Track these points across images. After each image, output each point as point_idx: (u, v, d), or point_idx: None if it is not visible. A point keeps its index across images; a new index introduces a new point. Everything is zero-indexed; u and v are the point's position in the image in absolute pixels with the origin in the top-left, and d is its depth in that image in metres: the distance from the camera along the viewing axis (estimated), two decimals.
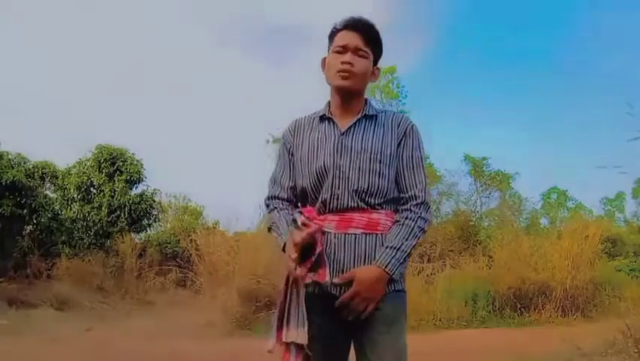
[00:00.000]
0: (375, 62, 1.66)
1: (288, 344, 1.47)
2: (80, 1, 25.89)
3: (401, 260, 1.50)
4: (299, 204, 1.68)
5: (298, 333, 1.45)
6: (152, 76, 28.63)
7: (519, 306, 8.87)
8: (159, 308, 9.89)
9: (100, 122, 25.36)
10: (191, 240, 9.53)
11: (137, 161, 13.52)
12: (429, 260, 10.63)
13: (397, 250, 1.50)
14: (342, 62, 1.57)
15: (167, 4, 27.29)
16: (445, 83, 29.20)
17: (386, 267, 1.48)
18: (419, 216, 1.56)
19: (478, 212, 15.82)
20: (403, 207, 1.59)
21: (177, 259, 11.70)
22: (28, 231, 12.09)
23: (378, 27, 1.64)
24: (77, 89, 27.07)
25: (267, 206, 1.72)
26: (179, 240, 11.73)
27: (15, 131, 25.65)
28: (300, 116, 1.74)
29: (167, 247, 13.07)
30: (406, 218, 1.56)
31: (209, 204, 16.42)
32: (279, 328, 1.50)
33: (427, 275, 9.58)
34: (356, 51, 1.59)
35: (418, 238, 1.56)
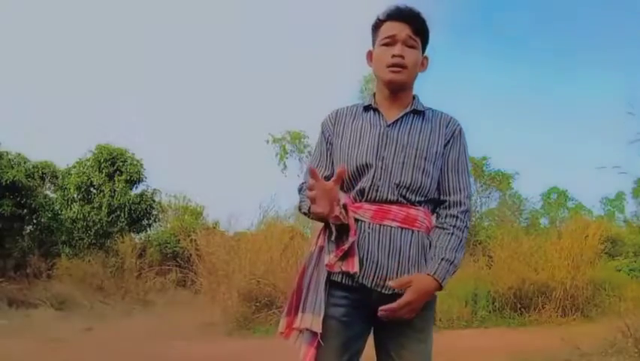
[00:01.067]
0: (423, 51, 1.59)
1: (301, 330, 1.43)
2: (79, 2, 25.89)
3: (451, 273, 1.47)
4: None
5: (313, 320, 1.40)
6: (152, 76, 28.66)
7: (519, 306, 8.86)
8: (159, 308, 9.89)
9: (100, 122, 25.37)
10: (191, 240, 9.52)
11: (137, 161, 13.52)
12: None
13: (452, 263, 1.46)
14: (393, 55, 1.50)
15: (167, 5, 27.29)
16: (444, 83, 29.21)
17: (443, 280, 1.44)
18: (466, 226, 1.54)
19: (478, 212, 15.82)
20: (449, 212, 1.55)
21: (177, 259, 11.69)
22: (28, 231, 12.11)
23: (425, 15, 1.57)
24: (77, 89, 27.08)
25: (299, 191, 1.64)
26: (179, 240, 11.71)
27: (15, 132, 25.64)
28: (339, 107, 1.67)
29: (167, 247, 13.07)
30: (455, 227, 1.52)
31: (209, 204, 16.44)
32: (292, 312, 1.47)
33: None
34: (406, 42, 1.52)
35: (464, 250, 1.54)
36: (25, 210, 11.45)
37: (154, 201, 13.91)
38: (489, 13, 30.26)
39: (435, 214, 1.59)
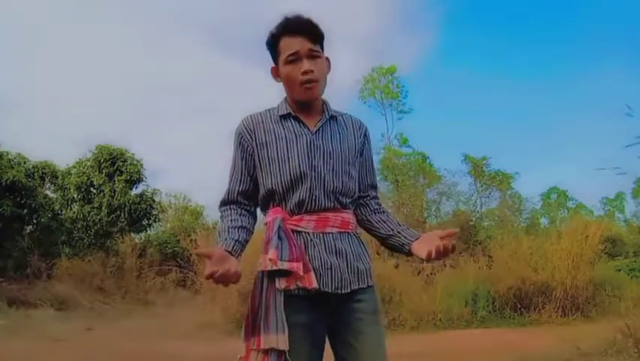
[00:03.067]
0: (323, 52, 1.60)
1: (266, 351, 1.43)
2: (79, 2, 25.89)
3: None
4: (251, 207, 1.65)
5: (278, 339, 1.42)
6: (152, 76, 28.66)
7: (519, 306, 8.86)
8: (159, 308, 9.89)
9: (100, 122, 25.39)
10: (191, 240, 9.52)
11: (137, 161, 13.53)
12: (429, 260, 10.62)
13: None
14: (304, 72, 1.52)
15: (166, 6, 27.30)
16: (445, 83, 29.24)
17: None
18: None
19: (478, 212, 15.84)
20: (376, 201, 1.73)
21: (177, 259, 11.70)
22: (28, 231, 12.11)
23: (310, 16, 1.57)
24: (78, 89, 27.08)
25: (220, 216, 1.66)
26: (179, 240, 11.72)
27: (15, 131, 25.66)
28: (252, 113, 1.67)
29: (167, 247, 13.07)
30: (388, 213, 1.73)
31: (209, 204, 16.46)
32: (252, 334, 1.47)
33: (427, 275, 9.57)
34: (309, 54, 1.53)
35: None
36: (25, 210, 11.45)
37: (154, 201, 13.91)
38: (489, 13, 30.26)
39: (360, 206, 1.70)
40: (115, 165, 13.18)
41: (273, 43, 1.58)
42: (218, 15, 29.25)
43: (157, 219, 14.52)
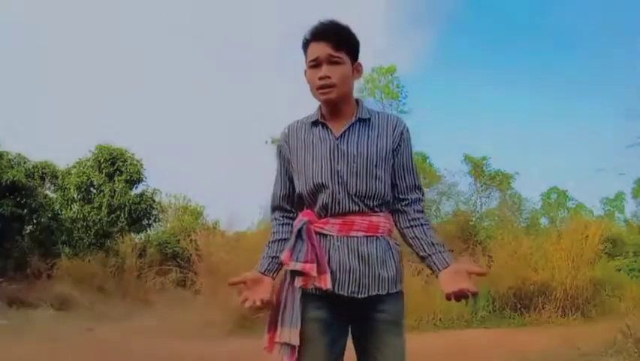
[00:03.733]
0: (356, 58, 1.64)
1: (281, 344, 1.52)
2: (78, 2, 25.89)
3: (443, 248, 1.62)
4: (294, 211, 1.69)
5: (291, 333, 1.49)
6: (152, 76, 28.67)
7: (519, 306, 8.87)
8: (159, 308, 9.89)
9: (100, 122, 25.39)
10: (191, 240, 9.52)
11: (137, 161, 13.52)
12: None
13: (447, 249, 1.62)
14: (320, 78, 1.57)
15: (167, 6, 27.29)
16: (445, 83, 29.25)
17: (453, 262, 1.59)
18: (428, 219, 1.68)
19: (478, 212, 15.83)
20: (415, 208, 1.65)
21: (177, 259, 11.70)
22: (28, 231, 12.11)
23: (344, 23, 1.60)
24: (77, 89, 27.09)
25: (271, 218, 1.78)
26: (179, 240, 11.73)
27: (15, 132, 25.65)
28: (293, 120, 1.73)
29: (167, 247, 13.07)
30: (427, 220, 1.67)
31: (209, 204, 16.46)
32: (273, 326, 1.55)
33: (427, 275, 9.55)
34: (329, 60, 1.56)
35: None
36: (25, 210, 11.45)
37: (154, 201, 13.91)
38: (489, 13, 30.25)
39: (399, 212, 1.66)
40: (115, 165, 13.17)
41: (303, 48, 1.63)
42: (220, 14, 29.25)
43: (157, 219, 14.52)
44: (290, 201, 1.69)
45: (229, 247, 9.00)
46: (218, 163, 29.48)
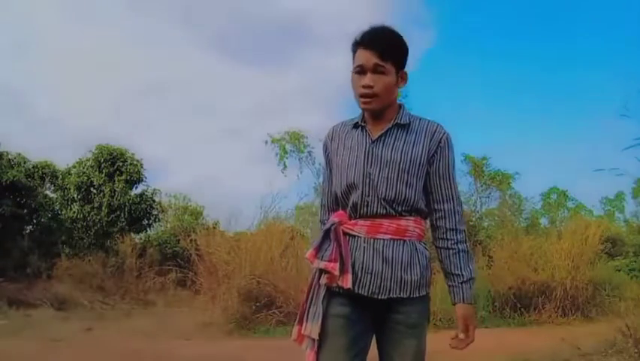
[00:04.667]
0: (402, 67, 1.64)
1: (306, 337, 1.60)
2: (79, 2, 25.90)
3: (472, 286, 1.65)
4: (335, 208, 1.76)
5: (312, 327, 1.57)
6: (152, 76, 28.66)
7: (519, 306, 8.86)
8: (159, 308, 9.89)
9: (100, 122, 25.38)
10: (191, 240, 9.51)
11: (137, 161, 13.53)
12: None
13: (470, 279, 1.63)
14: (363, 86, 1.58)
15: (166, 6, 27.30)
16: (445, 83, 29.23)
17: (471, 299, 1.64)
18: (465, 235, 1.67)
19: (478, 212, 15.83)
20: (447, 226, 1.65)
21: (177, 259, 11.68)
22: (28, 231, 12.11)
23: (397, 32, 1.62)
24: (77, 88, 27.08)
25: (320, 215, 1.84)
26: (179, 240, 11.70)
27: (15, 131, 25.66)
28: (337, 122, 1.78)
29: (167, 247, 13.07)
30: (458, 242, 1.64)
31: (209, 204, 16.43)
32: (300, 321, 1.62)
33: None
34: (374, 70, 1.57)
35: (472, 255, 1.70)
36: (25, 210, 11.46)
37: (154, 201, 13.91)
38: (489, 13, 30.24)
39: (432, 226, 1.69)
40: (115, 165, 13.17)
41: (352, 51, 1.65)
42: (219, 14, 29.24)
43: (157, 219, 14.52)
44: (335, 200, 1.75)
45: (229, 247, 8.98)
46: (218, 163, 29.46)
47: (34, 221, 12.05)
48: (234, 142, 30.52)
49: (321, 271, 1.59)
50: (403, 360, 1.60)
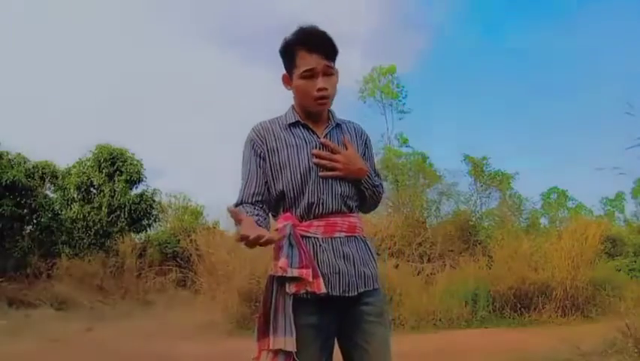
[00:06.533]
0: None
1: (276, 351, 1.49)
2: (79, 2, 25.89)
3: (372, 182, 1.70)
4: (265, 209, 1.64)
5: (286, 341, 1.48)
6: (151, 76, 28.66)
7: (519, 306, 8.85)
8: (159, 308, 9.89)
9: (100, 122, 25.39)
10: (191, 240, 9.52)
11: (137, 161, 13.52)
12: (429, 260, 10.63)
13: (376, 176, 1.75)
14: (319, 90, 1.59)
15: (166, 7, 27.30)
16: (445, 83, 29.25)
17: (367, 172, 1.68)
18: (379, 197, 1.79)
19: (478, 212, 15.80)
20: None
21: (177, 259, 11.69)
22: (28, 231, 12.09)
23: (326, 31, 1.61)
24: (77, 88, 27.08)
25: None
26: (179, 240, 11.71)
27: (15, 132, 25.66)
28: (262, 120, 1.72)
29: (167, 247, 13.06)
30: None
31: (209, 204, 16.45)
32: (264, 335, 1.53)
33: (427, 275, 9.57)
34: (325, 72, 1.59)
35: (376, 191, 1.74)
36: (25, 210, 11.44)
37: (154, 201, 13.90)
38: (489, 12, 30.26)
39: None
40: (115, 165, 13.17)
41: (287, 53, 1.63)
42: (220, 14, 29.25)
43: (157, 219, 14.51)
44: (261, 201, 1.64)
45: (229, 247, 8.98)
46: (218, 163, 29.48)
47: (34, 221, 12.04)
48: (234, 142, 30.42)
49: (282, 279, 1.51)
50: (375, 348, 1.59)
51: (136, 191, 13.60)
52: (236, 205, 1.63)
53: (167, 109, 28.16)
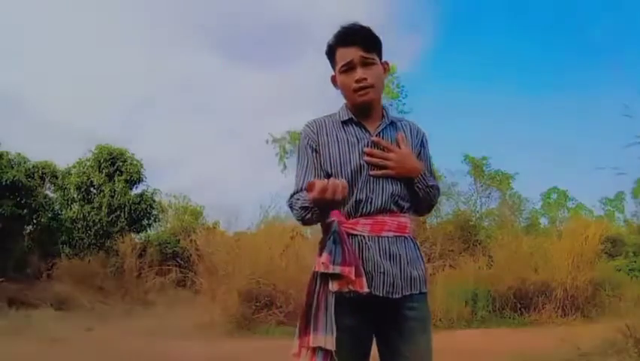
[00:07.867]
0: (381, 57, 1.66)
1: (314, 349, 1.46)
2: (79, 2, 25.90)
3: (428, 181, 1.65)
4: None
5: (326, 339, 1.45)
6: (151, 76, 28.66)
7: (519, 306, 8.86)
8: (159, 308, 9.89)
9: (100, 122, 25.38)
10: (191, 240, 9.51)
11: (137, 161, 13.54)
12: (429, 260, 10.62)
13: (431, 176, 1.70)
14: (357, 80, 1.58)
15: (166, 8, 27.30)
16: (445, 83, 29.22)
17: (423, 172, 1.64)
18: (436, 198, 1.75)
19: (478, 212, 15.81)
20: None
21: (177, 259, 11.69)
22: (28, 231, 12.11)
23: (369, 24, 1.62)
24: (78, 88, 27.08)
25: (290, 204, 1.65)
26: (179, 240, 11.72)
27: (15, 131, 25.66)
28: (316, 116, 1.71)
29: (167, 247, 13.07)
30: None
31: (209, 204, 16.46)
32: (305, 332, 1.48)
33: (427, 275, 9.58)
34: (362, 63, 1.59)
35: (431, 192, 1.69)
36: (25, 210, 11.45)
37: (154, 201, 13.92)
38: (489, 12, 30.24)
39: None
40: (115, 165, 13.18)
41: (330, 54, 1.65)
42: (218, 14, 29.24)
43: (157, 219, 14.53)
44: None
45: (229, 247, 8.99)
46: (218, 163, 29.48)
47: (34, 221, 12.05)
48: (234, 142, 30.55)
49: (326, 276, 1.47)
50: (416, 355, 1.55)
51: (136, 191, 13.62)
52: (293, 195, 1.64)
53: (168, 109, 28.16)
